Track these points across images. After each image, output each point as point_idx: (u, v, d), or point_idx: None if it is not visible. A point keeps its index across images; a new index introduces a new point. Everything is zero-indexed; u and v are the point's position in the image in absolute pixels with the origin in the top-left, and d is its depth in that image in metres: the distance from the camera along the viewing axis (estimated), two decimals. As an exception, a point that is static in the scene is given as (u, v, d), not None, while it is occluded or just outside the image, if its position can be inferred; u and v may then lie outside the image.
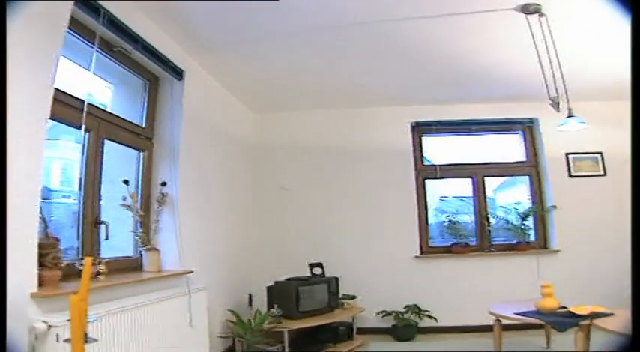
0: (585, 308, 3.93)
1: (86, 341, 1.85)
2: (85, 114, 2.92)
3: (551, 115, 4.34)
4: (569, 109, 4.12)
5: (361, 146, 6.33)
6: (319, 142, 6.38)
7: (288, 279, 5.28)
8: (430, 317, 5.77)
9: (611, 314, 3.83)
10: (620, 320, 3.64)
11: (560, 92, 4.16)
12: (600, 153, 6.21)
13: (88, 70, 3.13)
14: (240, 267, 5.50)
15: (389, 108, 6.31)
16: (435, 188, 6.67)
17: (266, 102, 6.14)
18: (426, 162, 6.48)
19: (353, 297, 5.69)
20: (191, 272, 3.91)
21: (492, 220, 6.32)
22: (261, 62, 4.72)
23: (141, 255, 3.77)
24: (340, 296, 5.59)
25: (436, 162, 6.48)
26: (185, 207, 4.07)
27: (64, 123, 2.97)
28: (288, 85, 5.49)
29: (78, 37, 3.01)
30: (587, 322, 3.75)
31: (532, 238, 6.26)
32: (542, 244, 6.21)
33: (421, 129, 6.48)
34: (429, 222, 6.42)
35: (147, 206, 3.91)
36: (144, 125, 3.96)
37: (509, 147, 6.63)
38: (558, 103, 4.12)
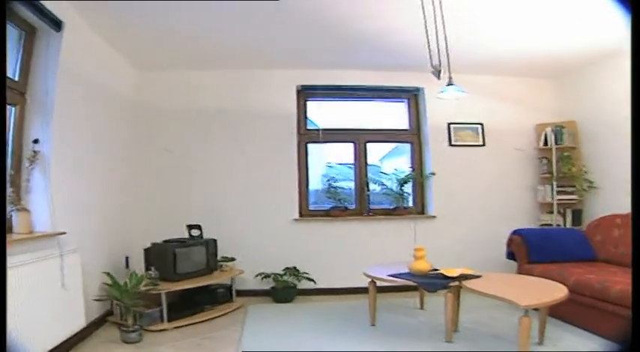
0: (455, 270, 4.36)
1: None
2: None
3: (436, 86, 4.66)
4: (450, 78, 4.45)
5: (245, 108, 6.47)
6: (203, 103, 6.44)
7: (165, 241, 5.42)
8: (309, 279, 6.17)
9: (480, 276, 4.35)
10: (487, 282, 4.16)
11: (444, 63, 4.39)
12: (481, 124, 6.83)
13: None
14: (117, 229, 5.53)
15: (275, 71, 6.48)
16: (324, 155, 7.05)
17: (151, 61, 6.10)
18: (309, 126, 6.78)
19: (232, 259, 5.94)
20: (63, 233, 3.95)
21: (375, 186, 6.82)
22: (148, 19, 4.71)
23: (10, 215, 3.71)
24: (219, 258, 5.82)
25: (319, 127, 6.79)
26: (58, 166, 4.06)
27: None
28: (174, 44, 5.50)
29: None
30: (456, 284, 4.20)
31: (410, 204, 6.83)
32: (420, 210, 6.81)
33: (307, 93, 6.75)
34: (316, 188, 6.79)
35: (17, 164, 3.87)
36: (17, 79, 3.88)
37: (394, 115, 7.10)
38: (440, 72, 4.37)
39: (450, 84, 4.46)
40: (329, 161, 7.04)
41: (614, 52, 5.57)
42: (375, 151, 7.15)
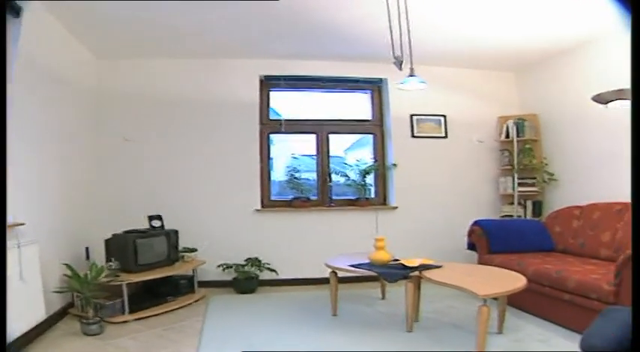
0: (415, 260, 4.46)
1: None
2: None
3: (400, 77, 4.74)
4: (411, 69, 4.54)
5: (208, 98, 6.48)
6: (165, 93, 6.41)
7: (126, 232, 5.40)
8: (271, 269, 6.25)
9: (440, 266, 4.47)
10: (447, 272, 4.29)
11: (407, 54, 4.49)
12: (444, 116, 6.98)
13: None
14: (77, 219, 5.49)
15: (239, 61, 6.49)
16: (289, 146, 7.11)
17: (112, 49, 6.03)
18: (271, 117, 6.83)
19: (193, 250, 5.98)
20: (22, 224, 3.91)
21: (338, 177, 6.92)
22: (108, 7, 4.65)
23: (-35, 206, 3.70)
24: (180, 249, 5.86)
25: (281, 117, 6.86)
26: (15, 155, 3.91)
27: None
28: (136, 31, 5.46)
29: None
30: (416, 274, 4.28)
31: (372, 195, 6.95)
32: (382, 200, 6.95)
33: (270, 83, 6.78)
34: (280, 179, 6.86)
35: (-26, 154, 3.83)
36: (-28, 65, 3.82)
37: (357, 106, 7.21)
38: (402, 62, 4.50)
39: (411, 75, 4.55)
40: (293, 152, 7.08)
41: (576, 46, 5.79)
42: (340, 142, 7.26)
